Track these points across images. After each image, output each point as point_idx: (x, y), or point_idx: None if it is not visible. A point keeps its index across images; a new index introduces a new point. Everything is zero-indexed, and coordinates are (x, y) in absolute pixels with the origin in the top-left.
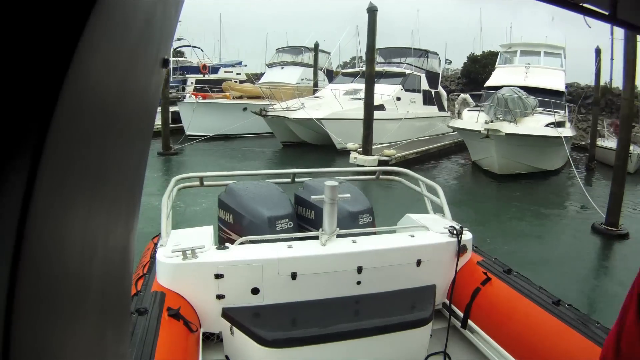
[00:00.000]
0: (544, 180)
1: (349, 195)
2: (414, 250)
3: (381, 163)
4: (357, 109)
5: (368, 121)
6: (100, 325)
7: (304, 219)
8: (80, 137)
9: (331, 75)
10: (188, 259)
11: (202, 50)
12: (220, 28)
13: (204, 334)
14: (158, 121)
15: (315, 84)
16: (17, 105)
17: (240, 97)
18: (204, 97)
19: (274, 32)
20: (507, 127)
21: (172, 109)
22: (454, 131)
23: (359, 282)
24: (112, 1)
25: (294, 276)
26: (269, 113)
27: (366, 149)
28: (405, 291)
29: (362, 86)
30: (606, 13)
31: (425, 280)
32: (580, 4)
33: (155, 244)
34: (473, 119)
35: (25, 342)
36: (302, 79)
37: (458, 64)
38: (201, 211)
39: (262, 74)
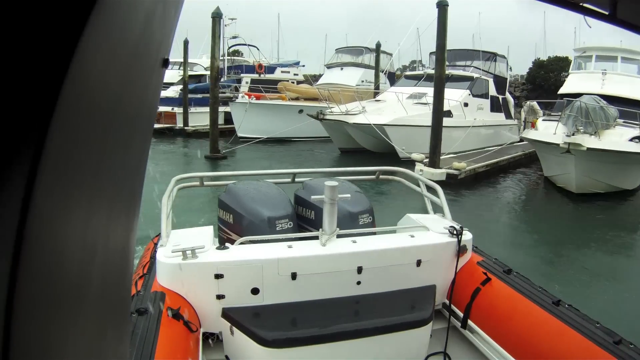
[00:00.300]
0: (625, 202)
1: (349, 195)
2: (414, 251)
3: (450, 177)
4: (422, 115)
5: (436, 129)
6: (100, 325)
7: (304, 219)
8: (80, 137)
9: (393, 78)
10: (188, 259)
11: (257, 49)
12: (279, 27)
13: (204, 334)
14: (206, 122)
15: (377, 87)
16: (17, 105)
17: (297, 99)
18: (258, 98)
19: (334, 34)
20: (589, 141)
21: (225, 109)
22: (520, 141)
23: (359, 282)
24: (112, 1)
25: (294, 276)
26: (327, 117)
27: (433, 161)
28: (405, 291)
29: (426, 90)
30: (606, 13)
31: (425, 280)
32: (580, 4)
33: (155, 244)
34: (550, 131)
35: (25, 342)
36: (363, 81)
37: (518, 69)
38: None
39: (320, 76)
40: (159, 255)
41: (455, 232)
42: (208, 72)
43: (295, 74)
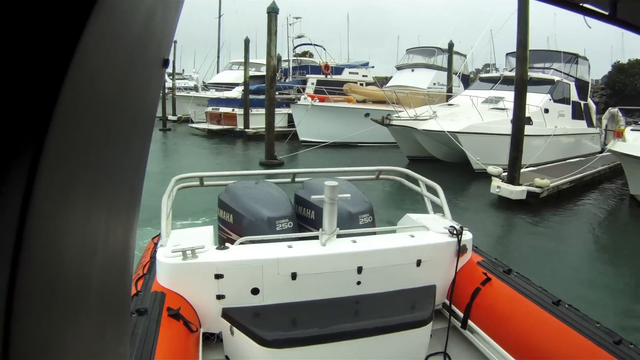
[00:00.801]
0: None
1: (349, 195)
2: (414, 250)
3: (530, 195)
4: (499, 122)
5: (517, 140)
6: (100, 325)
7: (304, 219)
8: (79, 137)
9: (467, 81)
10: (188, 259)
11: (324, 49)
12: (348, 28)
13: (204, 334)
14: (257, 125)
15: (450, 90)
16: (17, 105)
17: (364, 101)
18: (322, 100)
19: (406, 36)
20: None
21: (288, 111)
22: (601, 152)
23: (359, 282)
24: (112, 1)
25: (294, 276)
26: (393, 122)
27: (512, 176)
28: (405, 291)
29: (504, 94)
30: (606, 13)
31: (425, 281)
32: (580, 4)
33: (155, 244)
34: None
35: (25, 342)
36: (434, 84)
37: (593, 73)
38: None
39: (390, 78)
40: (159, 255)
41: (455, 232)
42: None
43: (364, 75)
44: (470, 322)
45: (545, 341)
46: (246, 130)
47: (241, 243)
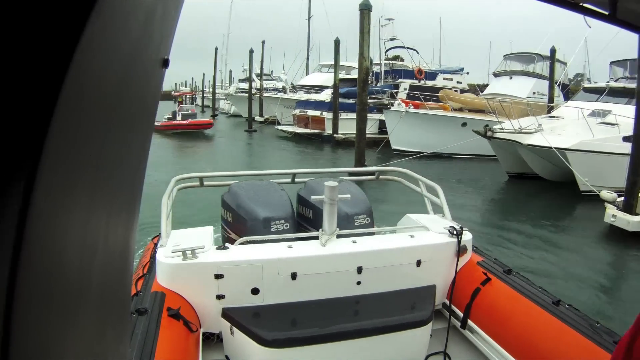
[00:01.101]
0: None
1: (349, 195)
2: (414, 251)
3: None
4: (609, 139)
5: (637, 161)
6: (100, 325)
7: (305, 219)
8: (79, 137)
9: (567, 91)
10: (188, 259)
11: (417, 53)
12: (440, 31)
13: (204, 334)
14: (346, 130)
15: (551, 100)
16: (17, 105)
17: (460, 110)
18: (416, 106)
19: (498, 41)
20: None
21: (380, 117)
22: None
23: (359, 282)
24: (112, 1)
25: (294, 276)
26: (497, 134)
27: (630, 204)
28: (405, 291)
29: (610, 106)
30: (606, 13)
31: (425, 281)
32: (580, 4)
33: (155, 244)
34: None
35: (25, 343)
36: (534, 93)
37: None
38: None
39: (485, 85)
40: (158, 256)
41: (455, 232)
42: None
43: (458, 82)
44: (470, 322)
45: (545, 341)
46: (335, 135)
47: (241, 243)
